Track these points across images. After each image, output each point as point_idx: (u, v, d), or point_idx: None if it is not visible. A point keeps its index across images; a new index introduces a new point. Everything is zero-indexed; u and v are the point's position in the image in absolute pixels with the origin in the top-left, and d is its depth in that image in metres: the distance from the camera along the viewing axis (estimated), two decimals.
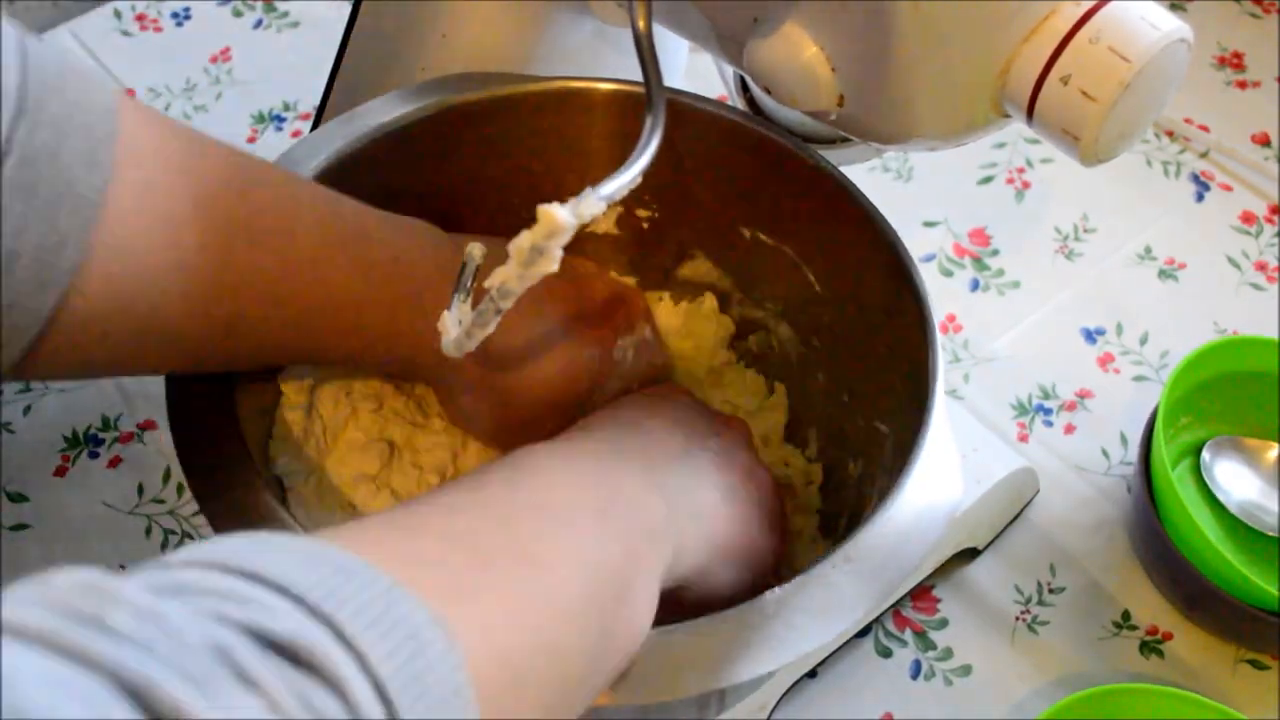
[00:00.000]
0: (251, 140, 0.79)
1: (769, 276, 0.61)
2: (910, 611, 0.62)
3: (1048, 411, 0.69)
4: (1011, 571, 0.64)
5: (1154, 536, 0.61)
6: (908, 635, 0.62)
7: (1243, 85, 0.85)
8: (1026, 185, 0.79)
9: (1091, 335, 0.73)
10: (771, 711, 0.57)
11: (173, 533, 0.63)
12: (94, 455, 0.66)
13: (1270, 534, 0.63)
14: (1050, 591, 0.63)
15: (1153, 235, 0.77)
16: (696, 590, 0.47)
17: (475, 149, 0.59)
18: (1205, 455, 0.65)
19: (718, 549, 0.47)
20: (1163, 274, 0.76)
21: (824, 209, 0.56)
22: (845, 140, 0.58)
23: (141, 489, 0.65)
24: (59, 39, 0.83)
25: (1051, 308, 0.74)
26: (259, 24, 0.86)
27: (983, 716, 0.59)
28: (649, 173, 0.45)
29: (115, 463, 0.66)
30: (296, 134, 0.80)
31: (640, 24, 0.50)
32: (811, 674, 0.60)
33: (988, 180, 0.79)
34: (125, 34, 0.85)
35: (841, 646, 0.60)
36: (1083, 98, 0.43)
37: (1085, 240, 0.77)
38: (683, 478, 0.48)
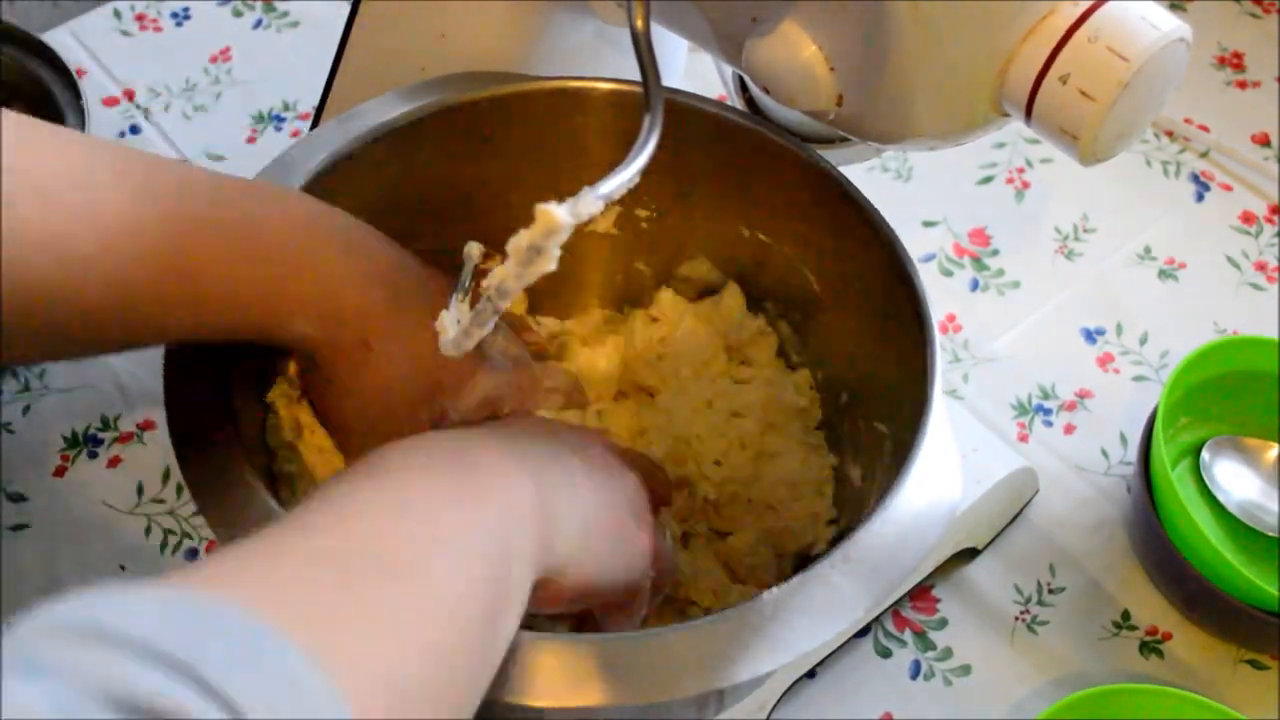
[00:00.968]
0: (251, 140, 0.79)
1: (769, 276, 0.61)
2: (910, 611, 0.62)
3: (1047, 411, 0.69)
4: (1011, 571, 0.64)
5: (1154, 536, 0.61)
6: (907, 635, 0.62)
7: (1243, 85, 0.85)
8: (1026, 185, 0.79)
9: (1091, 335, 0.73)
10: (770, 711, 0.57)
11: (172, 532, 0.63)
12: (94, 455, 0.66)
13: (1270, 534, 0.63)
14: (1050, 591, 0.63)
15: (1153, 235, 0.77)
16: (573, 578, 0.45)
17: (475, 149, 0.59)
18: (1205, 455, 0.65)
19: (590, 529, 0.46)
20: (1163, 274, 0.76)
21: (824, 209, 0.56)
22: (845, 140, 0.58)
23: (141, 489, 0.65)
24: (59, 39, 0.83)
25: (1051, 308, 0.74)
26: (259, 24, 0.86)
27: (982, 716, 0.59)
28: (648, 172, 0.45)
29: (115, 463, 0.66)
30: (296, 134, 0.80)
31: (639, 23, 0.50)
32: (811, 674, 0.60)
33: (988, 180, 0.79)
34: (125, 34, 0.85)
35: (841, 646, 0.60)
36: (1081, 97, 0.43)
37: (1085, 240, 0.77)
38: (547, 459, 0.46)
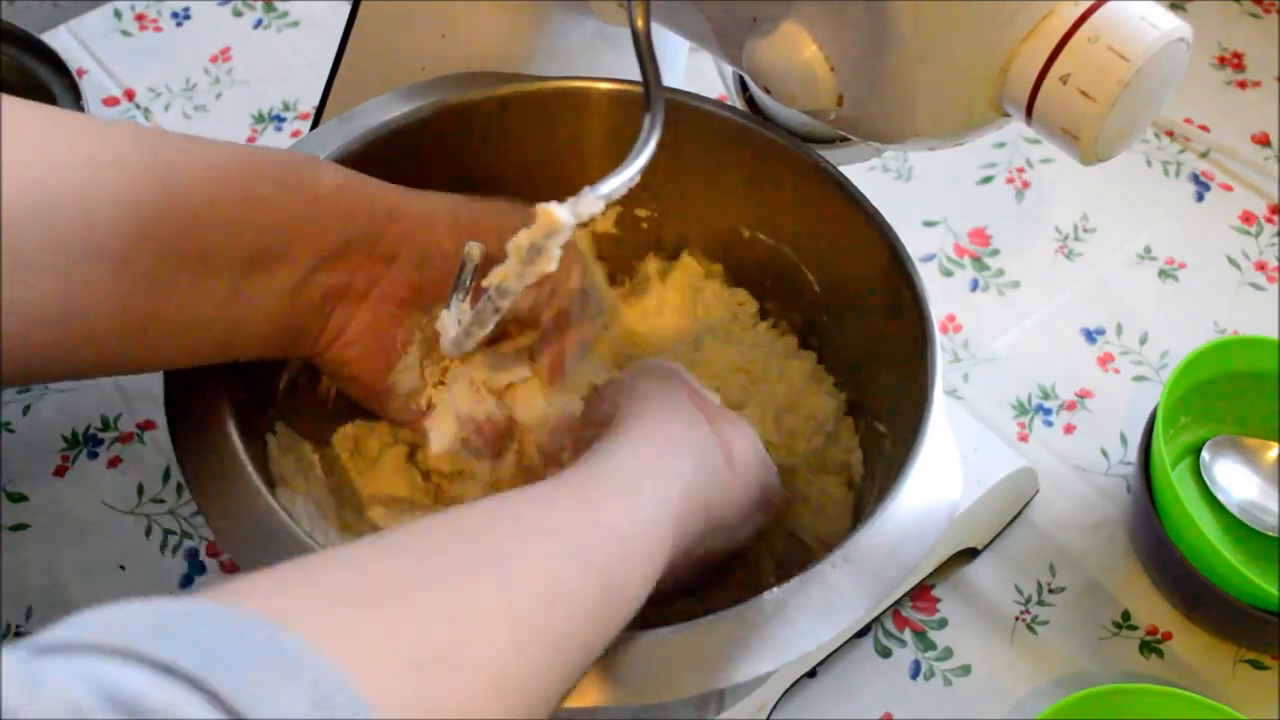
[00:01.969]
0: (251, 140, 0.79)
1: (769, 276, 0.61)
2: (910, 611, 0.62)
3: (1048, 411, 0.69)
4: (1011, 571, 0.64)
5: (1154, 536, 0.61)
6: (907, 635, 0.62)
7: (1243, 85, 0.85)
8: (1026, 185, 0.79)
9: (1091, 335, 0.73)
10: (771, 711, 0.57)
11: (172, 532, 0.63)
12: (94, 455, 0.66)
13: (1270, 534, 0.63)
14: (1050, 591, 0.63)
15: (1153, 235, 0.77)
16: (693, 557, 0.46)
17: (474, 148, 0.59)
18: (1205, 455, 0.65)
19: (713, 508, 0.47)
20: (1163, 274, 0.76)
21: (824, 209, 0.56)
22: (845, 140, 0.58)
23: (141, 489, 0.65)
24: (59, 39, 0.83)
25: (1051, 308, 0.74)
26: (259, 24, 0.86)
27: (982, 716, 0.59)
28: (648, 172, 0.45)
29: (115, 463, 0.66)
30: (296, 134, 0.80)
31: (639, 23, 0.50)
32: (811, 674, 0.60)
33: (988, 180, 0.79)
34: (125, 34, 0.85)
35: (841, 646, 0.60)
36: (1082, 97, 0.43)
37: (1085, 240, 0.77)
38: (689, 451, 0.47)
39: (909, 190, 0.78)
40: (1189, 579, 0.60)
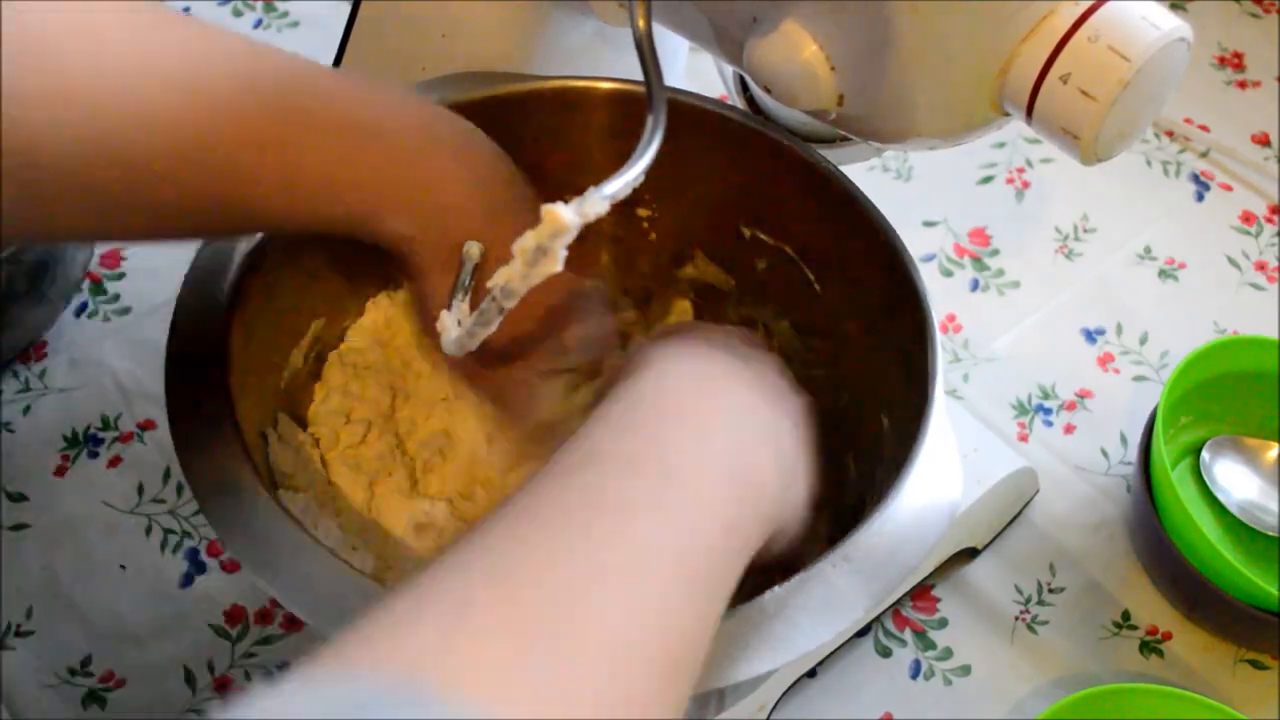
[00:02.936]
0: None
1: (769, 276, 0.61)
2: (910, 611, 0.62)
3: (1048, 411, 0.69)
4: (1011, 571, 0.64)
5: (1154, 536, 0.61)
6: (907, 635, 0.62)
7: (1243, 85, 0.85)
8: (1026, 185, 0.79)
9: (1091, 335, 0.73)
10: (771, 711, 0.57)
11: (172, 532, 0.63)
12: (94, 455, 0.66)
13: (1270, 534, 0.63)
14: (1050, 591, 0.63)
15: (1153, 235, 0.77)
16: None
17: None
18: (1205, 455, 0.65)
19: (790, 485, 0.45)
20: (1163, 274, 0.76)
21: (824, 209, 0.56)
22: (845, 140, 0.58)
23: (141, 489, 0.65)
24: None
25: (1051, 308, 0.74)
26: (259, 24, 0.86)
27: (982, 716, 0.59)
28: (649, 172, 0.45)
29: (115, 463, 0.66)
30: None
31: (640, 23, 0.50)
32: (811, 673, 0.60)
33: (988, 180, 0.79)
34: None
35: (841, 646, 0.60)
36: (1082, 97, 0.43)
37: (1085, 240, 0.77)
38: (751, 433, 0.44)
39: (909, 190, 0.78)
40: (1189, 579, 0.60)
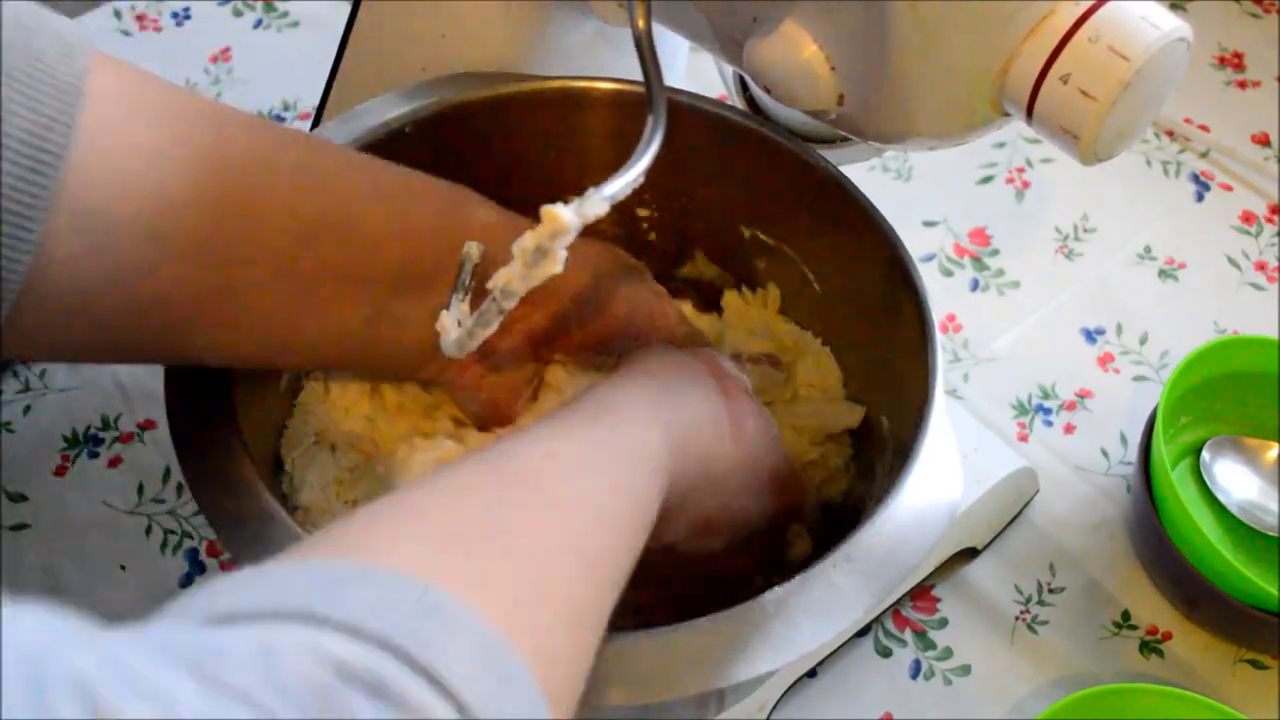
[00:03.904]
0: None
1: (769, 276, 0.61)
2: (910, 611, 0.62)
3: (1048, 411, 0.69)
4: (1011, 571, 0.64)
5: (1154, 536, 0.61)
6: (907, 635, 0.62)
7: (1243, 85, 0.85)
8: (1026, 185, 0.79)
9: (1091, 335, 0.73)
10: (771, 711, 0.57)
11: (172, 532, 0.63)
12: (94, 455, 0.66)
13: (1270, 534, 0.63)
14: (1050, 591, 0.63)
15: (1153, 235, 0.77)
16: (692, 511, 0.47)
17: (475, 149, 0.58)
18: (1205, 455, 0.65)
19: (713, 465, 0.47)
20: (1163, 274, 0.76)
21: (824, 209, 0.56)
22: (845, 140, 0.58)
23: (141, 489, 0.65)
24: None
25: (1051, 308, 0.74)
26: (259, 24, 0.86)
27: (982, 716, 0.59)
28: (649, 173, 0.45)
29: (115, 463, 0.66)
30: None
31: (640, 23, 0.50)
32: (811, 674, 0.60)
33: (988, 180, 0.79)
34: (125, 34, 0.85)
35: (841, 646, 0.60)
36: (1082, 97, 0.43)
37: (1085, 240, 0.77)
38: (682, 400, 0.48)
39: (909, 190, 0.78)
40: (1189, 579, 0.60)
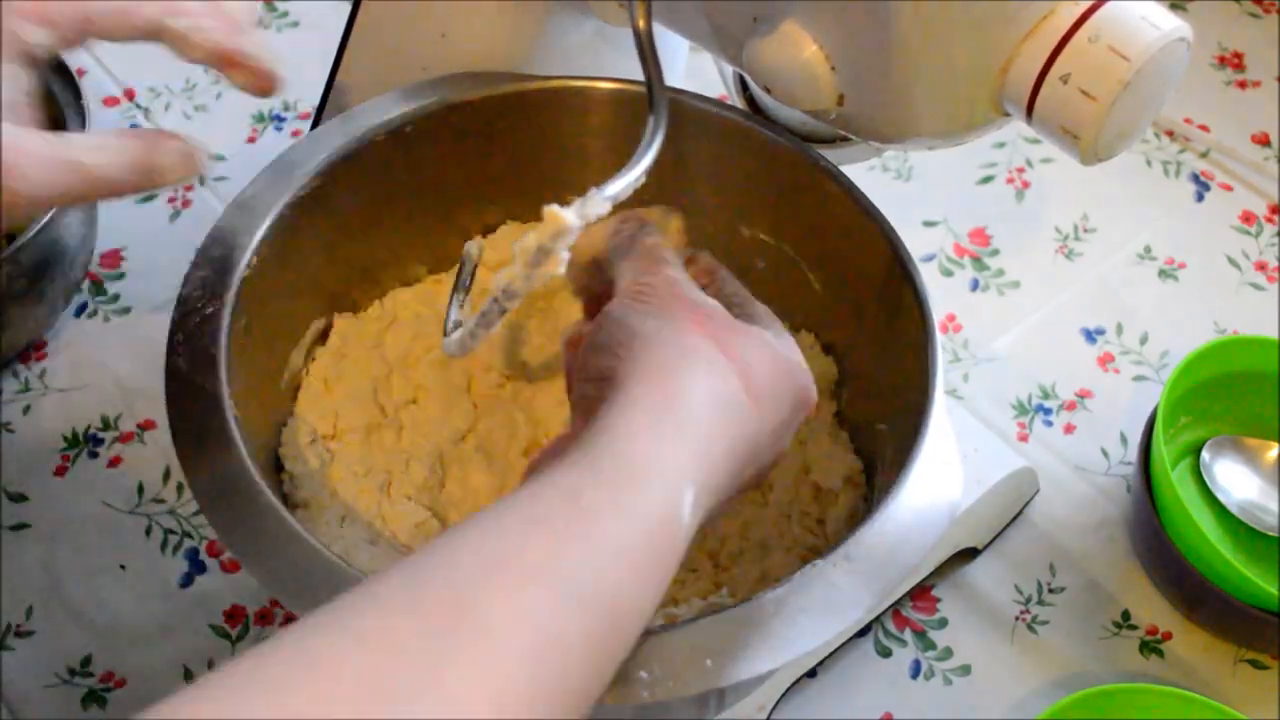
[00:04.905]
0: (251, 140, 0.79)
1: (769, 276, 0.61)
2: (910, 611, 0.62)
3: (1048, 411, 0.69)
4: (1011, 571, 0.64)
5: (1154, 536, 0.61)
6: (907, 635, 0.62)
7: (1243, 85, 0.85)
8: (1026, 185, 0.79)
9: (1091, 335, 0.73)
10: (771, 711, 0.57)
11: (173, 532, 0.63)
12: (94, 455, 0.66)
13: (1270, 534, 0.63)
14: (1050, 591, 0.63)
15: (1153, 235, 0.77)
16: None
17: (475, 149, 0.59)
18: (1205, 455, 0.65)
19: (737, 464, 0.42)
20: (1163, 274, 0.76)
21: (824, 208, 0.56)
22: (845, 140, 0.58)
23: (141, 489, 0.65)
24: None
25: (1051, 308, 0.74)
26: (259, 24, 0.85)
27: (982, 716, 0.59)
28: (649, 172, 0.45)
29: (115, 463, 0.66)
30: (296, 134, 0.80)
31: (640, 23, 0.50)
32: (811, 673, 0.60)
33: (988, 180, 0.79)
34: None
35: (841, 646, 0.60)
36: (1082, 97, 0.43)
37: (1085, 240, 0.77)
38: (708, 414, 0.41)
39: (909, 190, 0.78)
40: (1189, 579, 0.60)
